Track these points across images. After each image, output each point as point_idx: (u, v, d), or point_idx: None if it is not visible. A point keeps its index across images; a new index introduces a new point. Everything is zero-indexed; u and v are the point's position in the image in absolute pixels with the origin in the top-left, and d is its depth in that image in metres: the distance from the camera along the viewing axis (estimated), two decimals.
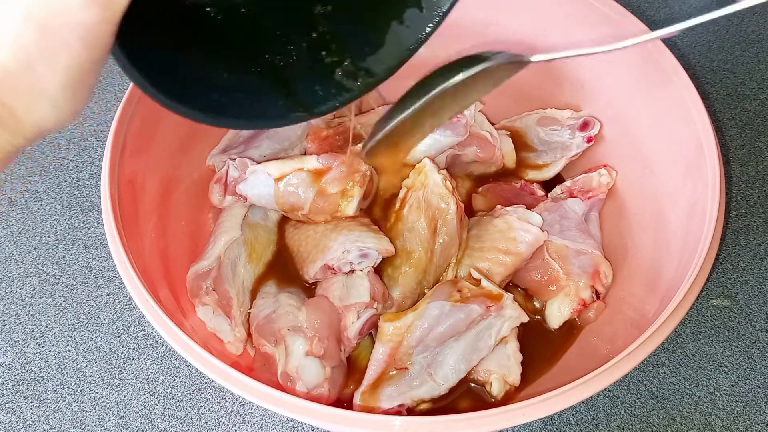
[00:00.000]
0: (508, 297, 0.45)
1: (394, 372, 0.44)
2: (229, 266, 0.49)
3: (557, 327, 0.50)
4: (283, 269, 0.52)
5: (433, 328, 0.44)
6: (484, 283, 0.45)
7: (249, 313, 0.49)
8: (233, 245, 0.49)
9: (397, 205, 0.49)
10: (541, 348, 0.50)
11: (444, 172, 0.49)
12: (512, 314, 0.45)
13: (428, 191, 0.48)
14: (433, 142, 0.51)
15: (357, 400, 0.44)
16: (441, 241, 0.48)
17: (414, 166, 0.50)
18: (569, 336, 0.50)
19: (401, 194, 0.49)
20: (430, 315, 0.44)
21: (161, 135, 0.50)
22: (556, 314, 0.49)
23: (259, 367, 0.46)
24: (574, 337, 0.50)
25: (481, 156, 0.53)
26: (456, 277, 0.49)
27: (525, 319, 0.45)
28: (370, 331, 0.48)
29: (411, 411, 0.44)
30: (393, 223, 0.49)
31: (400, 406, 0.43)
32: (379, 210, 0.52)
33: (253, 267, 0.51)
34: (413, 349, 0.44)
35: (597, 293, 0.49)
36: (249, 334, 0.48)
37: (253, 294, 0.50)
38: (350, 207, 0.48)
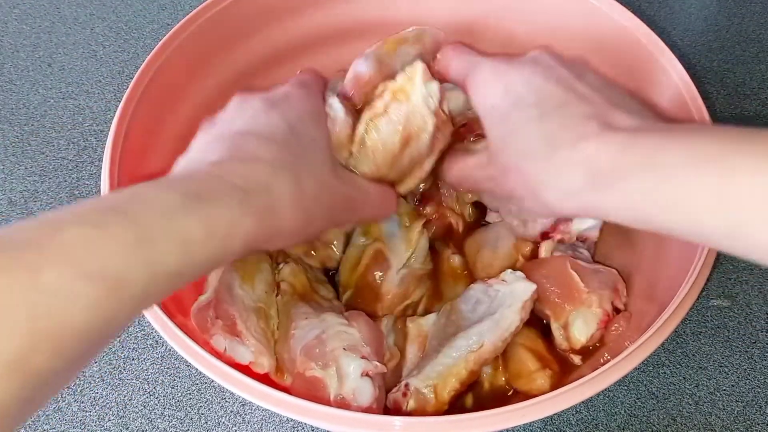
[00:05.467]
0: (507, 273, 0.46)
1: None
2: (225, 292, 0.48)
3: (585, 341, 0.46)
4: None
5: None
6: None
7: (261, 328, 0.46)
8: (224, 274, 0.48)
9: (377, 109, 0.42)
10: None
11: (436, 85, 0.41)
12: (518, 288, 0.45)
13: (411, 107, 0.41)
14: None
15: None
16: (408, 152, 0.43)
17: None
18: None
19: (385, 100, 0.42)
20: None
21: (161, 135, 0.50)
22: (582, 327, 0.46)
23: (299, 393, 0.40)
24: None
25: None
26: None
27: (533, 287, 0.45)
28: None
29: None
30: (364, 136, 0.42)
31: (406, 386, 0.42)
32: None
33: (249, 288, 0.50)
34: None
35: (617, 309, 0.47)
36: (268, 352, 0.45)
37: (258, 311, 0.49)
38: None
